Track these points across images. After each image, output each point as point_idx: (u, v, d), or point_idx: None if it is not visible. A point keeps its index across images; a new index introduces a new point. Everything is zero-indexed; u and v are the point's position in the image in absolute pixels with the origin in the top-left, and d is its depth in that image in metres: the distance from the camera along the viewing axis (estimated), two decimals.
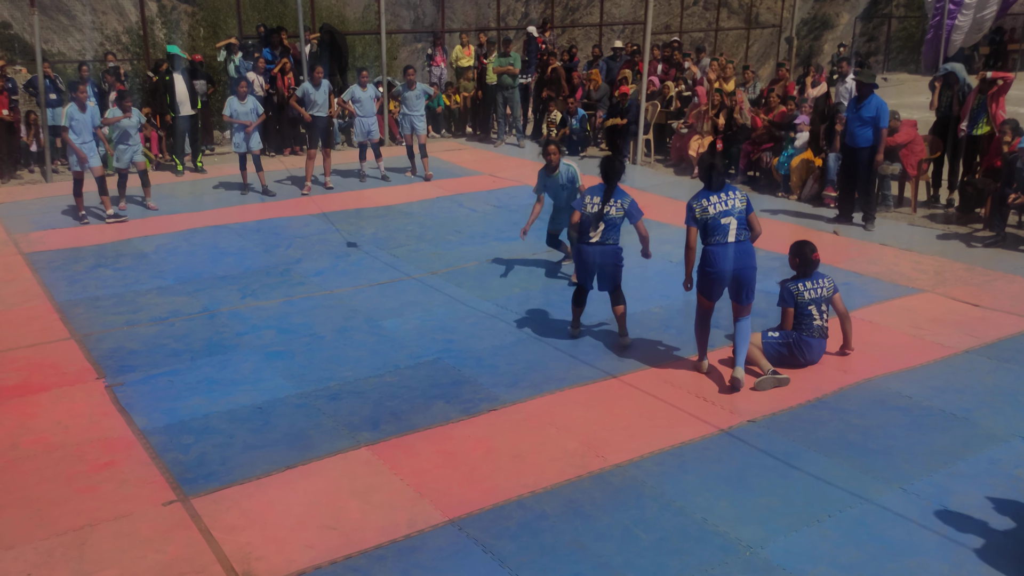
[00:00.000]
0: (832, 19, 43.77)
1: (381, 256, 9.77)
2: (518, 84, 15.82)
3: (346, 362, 7.03)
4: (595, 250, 7.09)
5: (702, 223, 6.36)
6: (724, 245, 6.30)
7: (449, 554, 4.63)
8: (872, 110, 9.95)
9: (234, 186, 13.01)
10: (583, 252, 7.15)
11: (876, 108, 9.96)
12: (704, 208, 6.35)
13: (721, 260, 6.31)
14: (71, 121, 10.72)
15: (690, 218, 6.41)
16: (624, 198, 7.11)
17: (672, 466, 5.43)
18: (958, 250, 9.84)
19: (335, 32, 16.04)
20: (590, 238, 7.07)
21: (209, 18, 25.93)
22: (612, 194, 7.07)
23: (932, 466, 5.43)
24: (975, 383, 6.57)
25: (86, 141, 10.85)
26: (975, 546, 4.66)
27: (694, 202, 6.40)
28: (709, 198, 6.38)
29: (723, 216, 6.29)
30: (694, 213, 6.39)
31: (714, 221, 6.31)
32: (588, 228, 7.09)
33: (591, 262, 7.15)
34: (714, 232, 6.32)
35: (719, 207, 6.33)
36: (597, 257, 7.11)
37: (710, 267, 6.36)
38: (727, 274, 6.33)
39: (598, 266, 7.16)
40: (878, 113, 9.94)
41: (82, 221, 11.12)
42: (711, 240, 6.33)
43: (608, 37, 24.52)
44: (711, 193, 6.40)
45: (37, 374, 6.84)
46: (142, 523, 4.91)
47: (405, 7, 60.44)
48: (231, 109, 12.28)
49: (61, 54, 47.49)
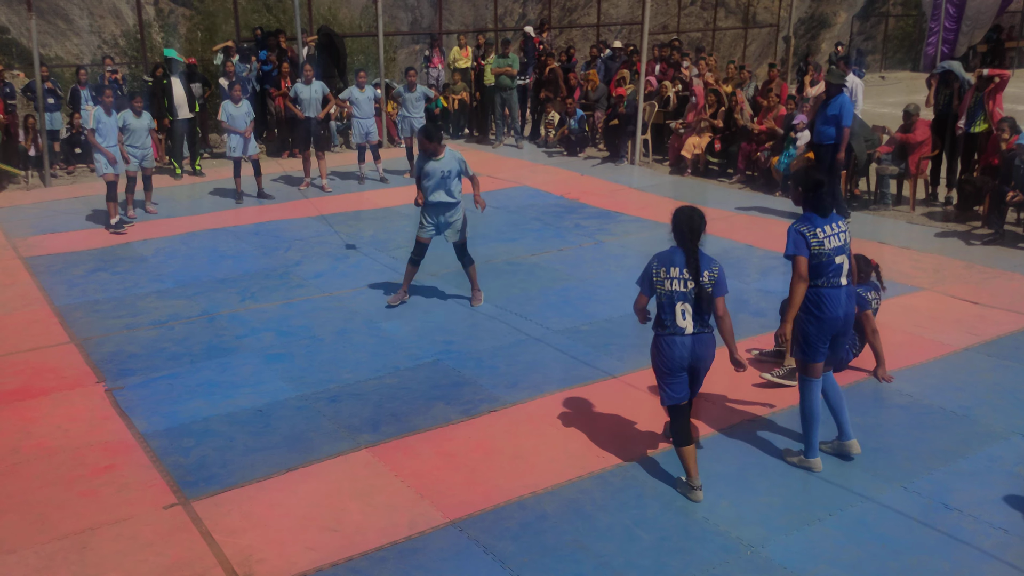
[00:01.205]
0: (829, 18, 43.76)
1: (380, 258, 9.77)
2: (516, 85, 15.82)
3: (346, 364, 7.03)
4: (691, 342, 5.03)
5: (816, 259, 5.16)
6: (838, 288, 5.22)
7: (450, 555, 4.63)
8: (836, 108, 10.13)
9: (234, 190, 13.00)
10: (674, 346, 5.02)
11: (840, 107, 10.13)
12: (819, 240, 5.17)
13: (835, 305, 5.19)
14: (98, 124, 10.68)
15: (801, 246, 5.16)
16: (713, 264, 5.07)
17: (673, 466, 5.42)
18: (957, 248, 9.85)
19: (333, 34, 16.06)
20: (680, 328, 5.02)
21: (206, 22, 25.92)
22: (700, 260, 5.03)
23: (932, 464, 5.44)
24: (975, 380, 6.57)
25: (112, 145, 10.82)
26: (976, 544, 4.66)
27: (805, 230, 5.18)
28: (824, 228, 5.21)
29: (837, 253, 5.20)
30: (806, 242, 5.17)
31: (828, 258, 5.17)
32: (672, 313, 5.03)
33: (686, 357, 5.05)
34: (826, 271, 5.19)
35: (834, 241, 5.21)
36: (698, 351, 5.05)
37: (822, 311, 5.18)
38: (839, 322, 5.24)
39: (693, 363, 5.09)
40: (841, 111, 10.12)
41: (118, 229, 10.85)
42: (822, 280, 5.19)
43: (606, 38, 24.52)
44: (823, 222, 5.25)
45: (37, 378, 6.83)
46: (143, 526, 4.91)
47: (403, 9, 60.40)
48: (226, 113, 12.14)
49: (59, 58, 47.38)
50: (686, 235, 5.00)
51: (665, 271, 4.99)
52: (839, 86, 10.21)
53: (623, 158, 14.75)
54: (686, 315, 4.97)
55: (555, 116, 16.03)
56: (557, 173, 13.99)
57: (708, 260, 5.03)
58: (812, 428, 5.32)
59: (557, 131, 15.86)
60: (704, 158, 13.73)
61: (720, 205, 11.82)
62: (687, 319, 4.98)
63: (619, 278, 8.80)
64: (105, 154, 10.71)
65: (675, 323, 4.98)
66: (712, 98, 13.77)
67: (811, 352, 5.24)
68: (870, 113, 15.06)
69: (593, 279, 8.90)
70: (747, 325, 7.65)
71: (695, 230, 5.00)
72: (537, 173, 13.94)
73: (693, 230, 5.00)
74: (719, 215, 11.34)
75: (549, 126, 16.15)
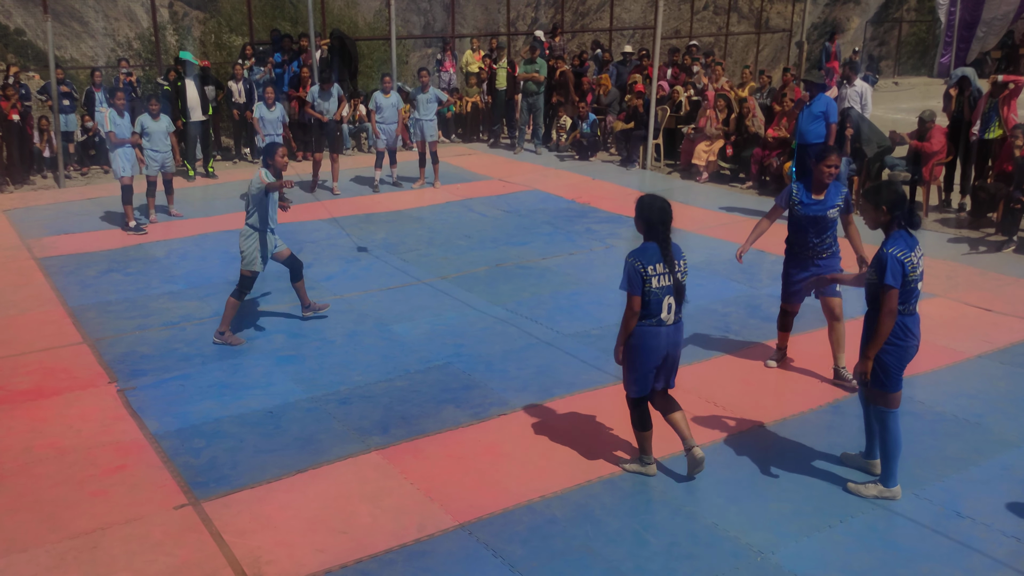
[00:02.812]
0: (842, 23, 43.65)
1: (391, 261, 9.78)
2: (542, 91, 15.75)
3: (356, 366, 7.04)
4: (672, 332, 5.11)
5: (907, 286, 4.74)
6: (915, 315, 4.89)
7: (459, 558, 4.63)
8: (823, 106, 10.34)
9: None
10: (659, 336, 5.07)
11: (826, 104, 10.36)
12: (914, 265, 4.72)
13: (918, 331, 4.90)
14: (113, 126, 10.74)
15: (898, 276, 4.67)
16: (681, 252, 5.15)
17: (682, 471, 5.41)
18: (970, 255, 9.80)
19: (345, 38, 16.09)
20: (664, 320, 5.05)
21: (221, 24, 26.04)
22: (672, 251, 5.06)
23: (944, 471, 5.41)
24: (988, 388, 6.53)
25: (126, 147, 10.89)
26: (988, 552, 4.63)
27: (903, 255, 4.69)
28: (916, 250, 4.77)
29: (920, 280, 4.81)
30: (903, 270, 4.68)
31: (915, 284, 4.77)
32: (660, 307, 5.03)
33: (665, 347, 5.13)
34: (911, 297, 4.80)
35: (921, 264, 4.80)
36: (676, 338, 5.16)
37: (906, 340, 4.85)
38: (916, 350, 4.97)
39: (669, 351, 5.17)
40: (828, 109, 10.33)
41: (137, 231, 10.91)
42: (905, 307, 4.80)
43: (618, 42, 24.52)
44: (915, 243, 4.80)
45: (49, 378, 6.87)
46: (153, 527, 4.93)
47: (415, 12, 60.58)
48: (259, 114, 12.10)
49: (74, 60, 47.75)
50: (659, 227, 5.00)
51: (652, 268, 4.97)
52: (821, 85, 10.44)
53: (635, 162, 14.75)
54: (671, 308, 5.04)
55: (567, 120, 16.03)
56: (569, 177, 13.99)
57: (677, 249, 5.10)
58: (895, 458, 5.07)
59: (569, 135, 15.86)
60: (716, 163, 13.70)
61: (732, 209, 11.80)
62: (671, 312, 5.05)
63: None
64: (134, 147, 10.74)
65: (660, 316, 5.02)
66: (722, 103, 13.76)
67: (892, 383, 4.94)
68: (883, 119, 15.01)
69: (604, 283, 8.89)
70: (758, 330, 7.63)
71: (667, 221, 5.01)
72: (548, 177, 13.95)
73: (665, 222, 5.00)
74: (731, 219, 11.32)
75: (561, 130, 16.15)
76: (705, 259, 9.58)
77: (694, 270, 9.21)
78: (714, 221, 11.23)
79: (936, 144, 11.06)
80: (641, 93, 14.73)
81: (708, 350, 7.28)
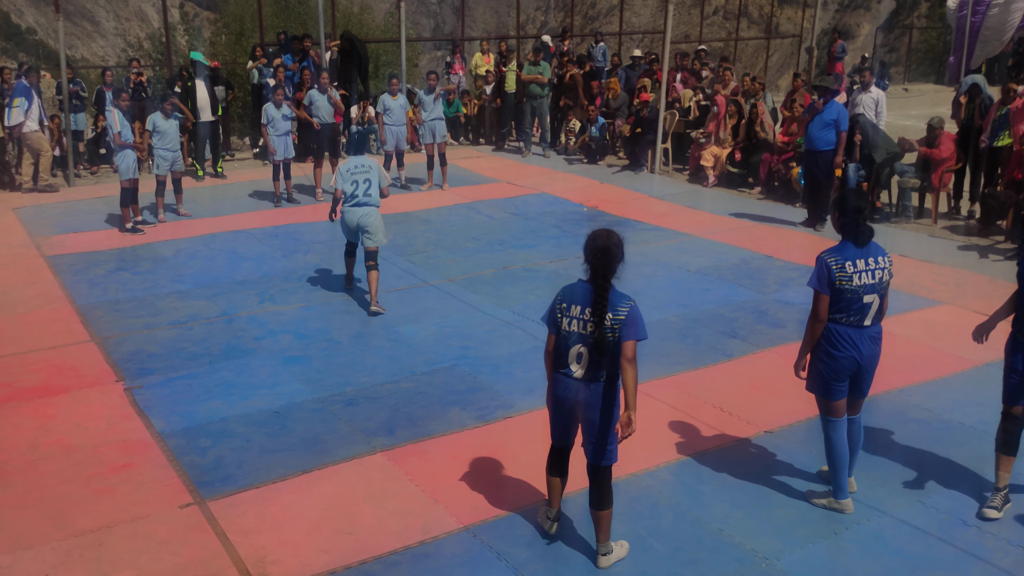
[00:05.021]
0: (853, 29, 43.62)
1: (398, 262, 9.79)
2: (547, 93, 15.77)
3: (363, 367, 7.05)
4: (580, 387, 4.38)
5: (837, 292, 4.73)
6: (859, 329, 4.79)
7: (464, 561, 4.63)
8: (834, 113, 10.37)
9: (255, 192, 13.07)
10: (558, 384, 4.45)
11: (837, 112, 10.39)
12: (848, 275, 4.70)
13: (849, 345, 4.79)
14: (122, 126, 10.78)
15: (824, 282, 4.73)
16: (623, 304, 4.28)
17: (688, 476, 5.40)
18: (979, 262, 9.77)
19: (355, 40, 16.11)
20: (571, 371, 4.39)
21: (231, 25, 26.13)
22: (607, 300, 4.26)
23: (951, 480, 5.38)
24: (995, 396, 6.45)
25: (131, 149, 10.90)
26: (994, 561, 4.61)
27: (833, 261, 4.73)
28: (856, 262, 4.73)
29: (868, 292, 4.72)
30: (832, 276, 4.71)
31: (855, 295, 4.71)
32: (566, 355, 4.38)
33: (571, 400, 4.44)
34: (848, 309, 4.75)
35: (865, 278, 4.72)
36: (587, 399, 4.39)
37: (836, 350, 4.80)
38: (854, 364, 4.84)
39: (581, 411, 4.45)
40: (839, 117, 10.35)
41: (135, 232, 10.91)
42: (842, 318, 4.77)
43: (627, 46, 24.51)
44: (858, 254, 4.76)
45: (57, 376, 6.90)
46: (159, 525, 4.94)
47: (425, 15, 60.75)
48: (268, 116, 12.09)
49: (84, 60, 47.97)
50: (596, 269, 4.23)
51: (567, 307, 4.33)
52: (834, 91, 10.51)
53: (643, 167, 14.73)
54: (581, 359, 4.31)
55: (575, 123, 16.04)
56: (577, 181, 13.99)
57: (619, 298, 4.25)
58: (840, 469, 4.97)
59: (577, 139, 15.86)
60: (725, 168, 13.69)
61: (740, 215, 11.79)
62: (581, 364, 4.32)
63: (636, 286, 8.76)
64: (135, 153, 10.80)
65: (568, 364, 4.35)
66: (732, 108, 13.74)
67: (826, 390, 4.88)
68: (893, 125, 14.97)
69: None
70: (765, 336, 7.62)
71: (608, 264, 4.21)
72: (556, 180, 13.95)
73: (606, 264, 4.21)
74: (739, 224, 11.31)
75: (569, 133, 16.15)
76: (713, 264, 9.57)
77: (701, 275, 9.27)
78: (722, 226, 11.22)
79: (945, 151, 11.03)
80: (647, 103, 14.71)
81: (716, 355, 7.27)
